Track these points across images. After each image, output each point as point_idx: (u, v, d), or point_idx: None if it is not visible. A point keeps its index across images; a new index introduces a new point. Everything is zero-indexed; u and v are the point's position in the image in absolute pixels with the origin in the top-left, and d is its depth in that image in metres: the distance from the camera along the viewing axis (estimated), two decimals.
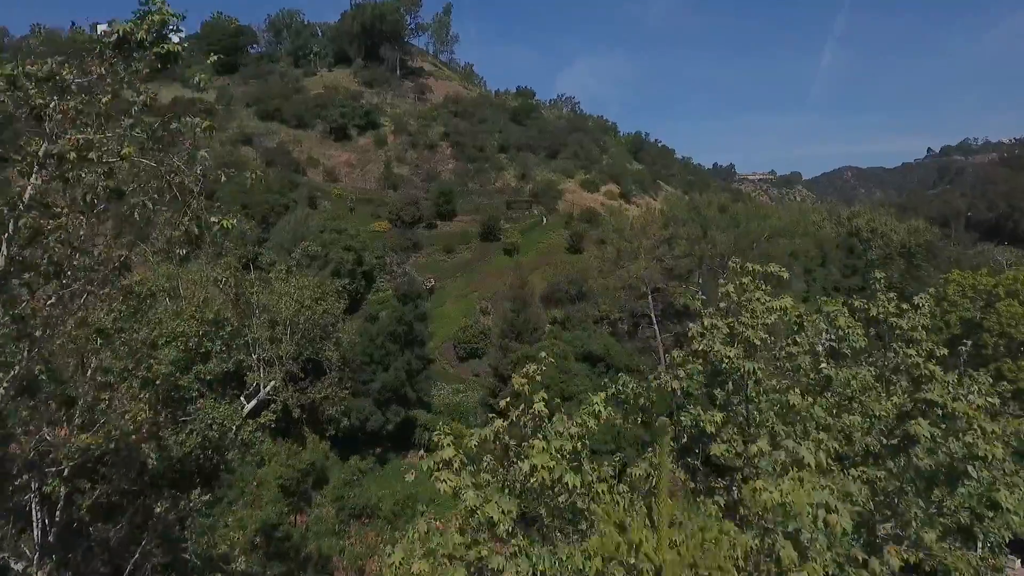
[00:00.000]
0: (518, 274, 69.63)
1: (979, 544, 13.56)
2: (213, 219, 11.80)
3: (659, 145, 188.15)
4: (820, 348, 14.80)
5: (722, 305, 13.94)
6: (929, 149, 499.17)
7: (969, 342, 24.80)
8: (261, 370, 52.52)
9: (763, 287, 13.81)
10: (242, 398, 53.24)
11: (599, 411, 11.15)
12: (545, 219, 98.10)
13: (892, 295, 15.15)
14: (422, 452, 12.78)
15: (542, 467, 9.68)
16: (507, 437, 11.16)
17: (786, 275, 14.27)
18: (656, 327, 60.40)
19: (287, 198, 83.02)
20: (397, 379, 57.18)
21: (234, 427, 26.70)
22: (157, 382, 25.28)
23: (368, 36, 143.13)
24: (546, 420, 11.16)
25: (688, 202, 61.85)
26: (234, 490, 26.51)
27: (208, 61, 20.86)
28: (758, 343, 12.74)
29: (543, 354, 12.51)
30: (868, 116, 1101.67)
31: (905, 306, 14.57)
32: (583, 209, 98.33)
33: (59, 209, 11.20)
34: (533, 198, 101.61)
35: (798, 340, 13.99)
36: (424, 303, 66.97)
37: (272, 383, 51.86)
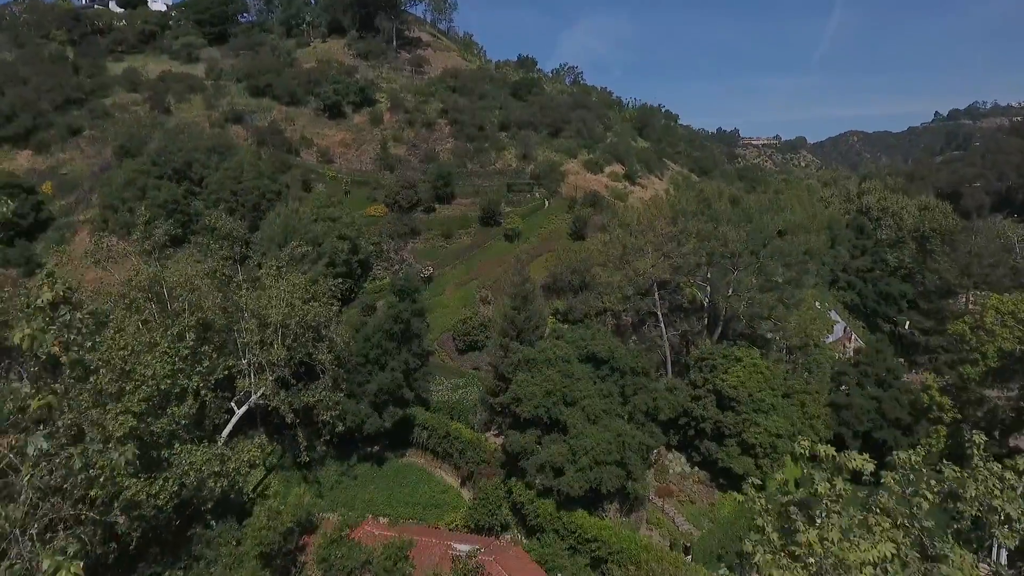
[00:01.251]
0: (519, 269, 66.95)
1: None
2: None
3: (663, 111, 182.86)
4: None
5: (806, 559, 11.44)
6: (936, 113, 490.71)
7: None
8: (252, 375, 50.64)
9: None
10: (232, 404, 51.63)
11: None
12: (547, 202, 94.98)
13: (995, 466, 12.76)
14: None
15: None
16: None
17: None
18: (663, 325, 58.09)
19: (279, 183, 79.92)
20: (394, 381, 55.15)
21: (212, 473, 24.84)
22: (119, 435, 23.31)
23: (363, 4, 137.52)
24: None
25: (697, 194, 58.84)
26: (212, 549, 24.66)
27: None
28: None
29: None
30: (875, 77, 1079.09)
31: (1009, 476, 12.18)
32: (586, 192, 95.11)
33: None
34: (534, 180, 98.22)
35: None
36: (422, 298, 64.43)
37: (262, 390, 50.07)
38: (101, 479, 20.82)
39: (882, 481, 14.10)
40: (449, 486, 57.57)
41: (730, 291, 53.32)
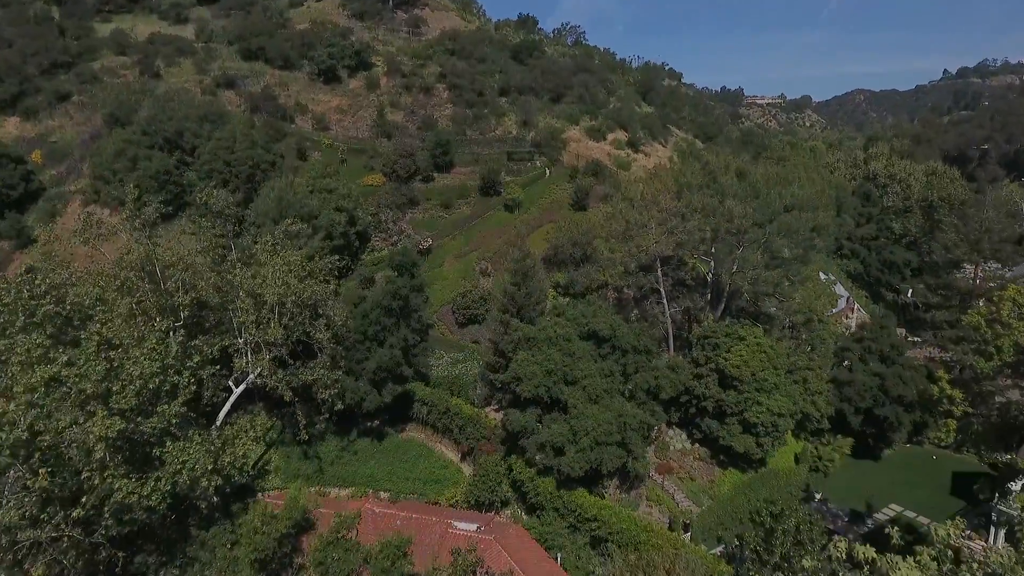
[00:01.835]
0: (520, 244, 65.75)
1: None
2: None
3: (667, 69, 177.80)
4: None
5: None
6: (945, 71, 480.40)
7: None
8: (248, 353, 49.99)
9: None
10: (230, 382, 51.18)
11: None
12: (548, 172, 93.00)
13: None
14: None
15: None
16: None
17: None
18: (665, 301, 57.23)
19: (273, 153, 77.93)
20: (393, 359, 54.57)
21: (205, 471, 24.18)
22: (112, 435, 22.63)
23: None
24: None
25: (703, 166, 57.17)
26: (206, 550, 24.27)
27: None
28: None
29: None
30: (884, 34, 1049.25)
31: None
32: (588, 161, 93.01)
33: None
34: (535, 148, 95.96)
35: None
36: (420, 271, 63.36)
37: (259, 369, 49.53)
38: (92, 482, 20.30)
39: (918, 559, 13.31)
40: (449, 461, 57.65)
41: (735, 267, 52.23)
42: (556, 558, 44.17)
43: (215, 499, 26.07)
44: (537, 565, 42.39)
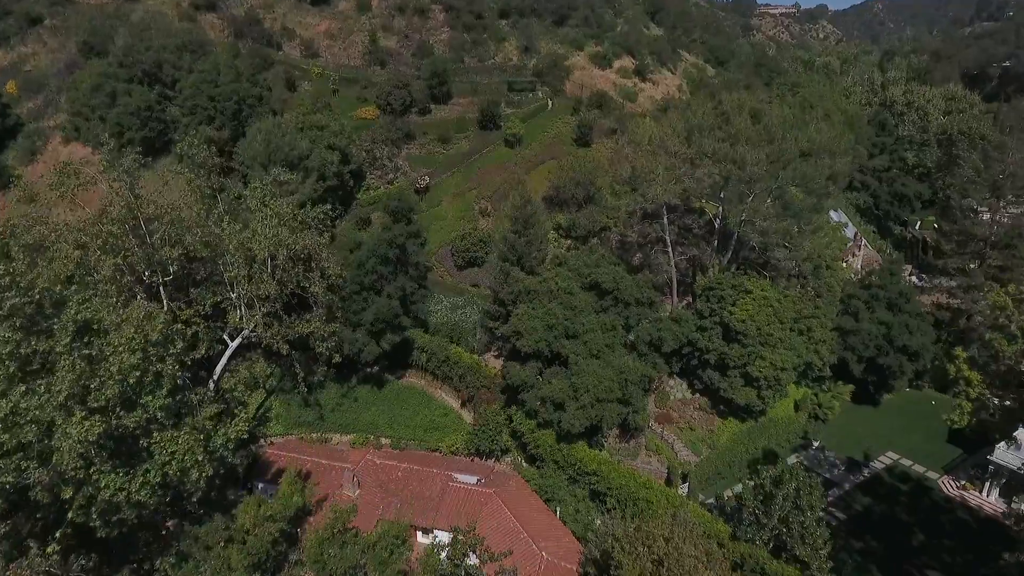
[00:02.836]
0: (520, 190, 63.14)
1: None
2: None
3: None
4: None
5: None
6: None
7: None
8: (241, 308, 48.86)
9: None
10: (225, 336, 50.35)
11: None
12: (551, 103, 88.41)
13: None
14: None
15: None
16: None
17: None
18: (670, 250, 55.42)
19: (260, 86, 73.60)
20: (391, 310, 53.43)
21: (195, 462, 23.33)
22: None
23: None
24: None
25: (715, 106, 53.71)
26: (199, 546, 23.90)
27: None
28: None
29: None
30: None
31: None
32: (593, 92, 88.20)
33: None
34: (537, 77, 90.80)
35: None
36: (417, 218, 61.13)
37: (253, 323, 48.57)
38: (71, 474, 19.51)
39: None
40: (450, 408, 57.78)
41: (743, 216, 50.02)
42: (555, 511, 44.80)
43: (209, 492, 25.51)
44: (536, 520, 43.00)
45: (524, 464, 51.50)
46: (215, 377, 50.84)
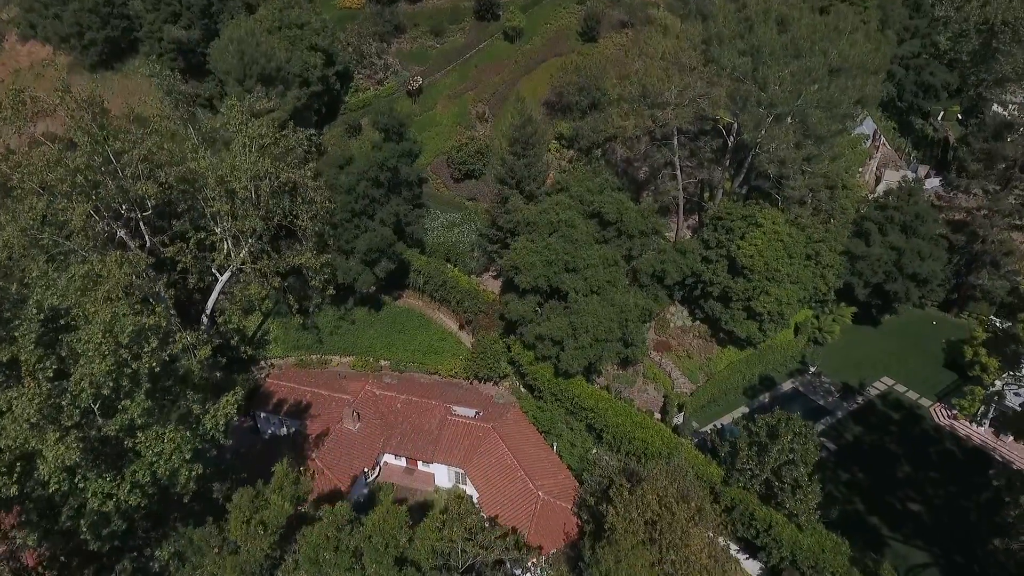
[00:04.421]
0: (521, 107, 58.32)
1: None
2: None
3: None
4: None
5: None
6: None
7: None
8: (227, 242, 46.90)
9: None
10: (215, 270, 48.83)
11: None
12: None
13: None
14: None
15: None
16: None
17: None
18: (679, 175, 52.20)
19: None
20: (384, 240, 51.42)
21: (184, 462, 22.61)
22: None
23: None
24: None
25: (737, 11, 47.85)
26: (193, 549, 23.84)
27: None
28: None
29: None
30: None
31: None
32: None
33: None
34: None
35: None
36: (410, 134, 57.18)
37: (240, 260, 46.91)
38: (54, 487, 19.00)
39: None
40: (448, 332, 57.54)
41: (759, 140, 46.31)
42: (552, 445, 45.77)
43: (201, 489, 25.27)
44: (534, 455, 44.00)
45: (522, 390, 52.03)
46: (208, 311, 50.07)
